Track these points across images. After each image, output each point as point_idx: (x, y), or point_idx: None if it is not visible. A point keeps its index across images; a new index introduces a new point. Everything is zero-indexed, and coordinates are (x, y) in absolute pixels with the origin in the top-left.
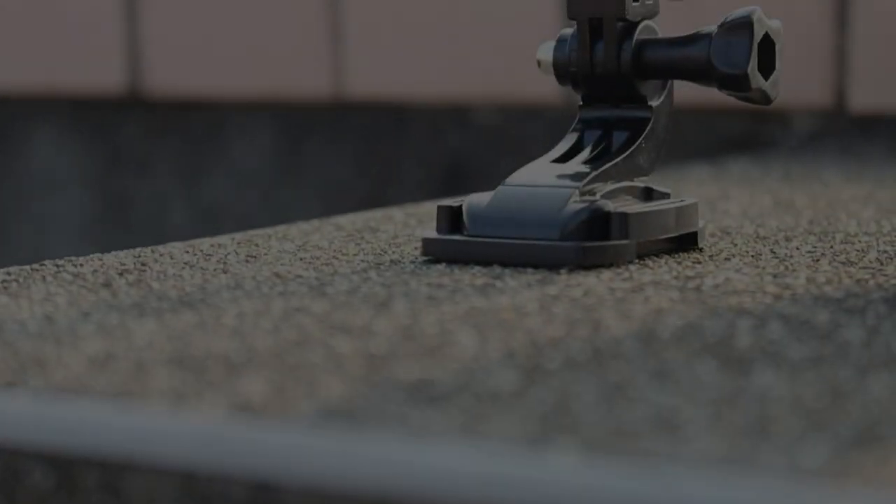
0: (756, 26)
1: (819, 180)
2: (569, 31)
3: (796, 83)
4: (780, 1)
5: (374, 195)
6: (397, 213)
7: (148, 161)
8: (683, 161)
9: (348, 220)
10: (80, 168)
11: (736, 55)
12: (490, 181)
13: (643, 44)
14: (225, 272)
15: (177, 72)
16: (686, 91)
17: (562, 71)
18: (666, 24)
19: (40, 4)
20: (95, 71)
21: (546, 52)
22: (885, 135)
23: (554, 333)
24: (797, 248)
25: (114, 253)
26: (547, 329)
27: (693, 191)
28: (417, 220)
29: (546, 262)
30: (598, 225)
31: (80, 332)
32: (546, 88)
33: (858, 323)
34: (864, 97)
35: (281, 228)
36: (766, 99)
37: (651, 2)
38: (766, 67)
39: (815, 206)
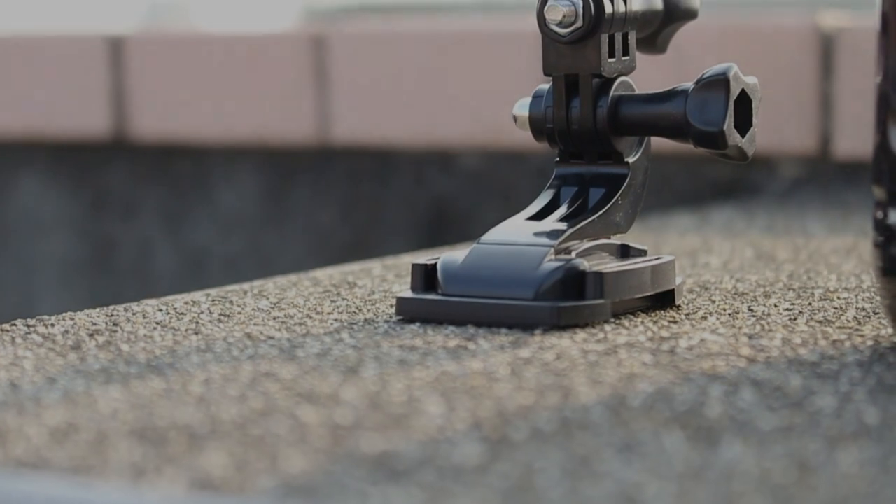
0: (732, 83)
1: (802, 231)
2: (545, 87)
3: (782, 130)
4: (767, 48)
5: (359, 239)
6: (376, 266)
7: (133, 205)
8: (668, 209)
9: (326, 275)
10: (66, 212)
11: (712, 112)
12: (475, 226)
13: (619, 100)
14: (196, 333)
15: (162, 116)
16: None
17: (538, 127)
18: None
19: (25, 49)
20: (81, 115)
21: (522, 109)
22: (869, 181)
23: (523, 401)
24: (775, 306)
25: (86, 312)
26: (516, 397)
27: (675, 242)
28: (395, 275)
29: (520, 322)
30: (574, 284)
31: (45, 400)
32: (530, 134)
33: (831, 390)
34: (849, 144)
35: (258, 283)
36: (743, 156)
37: (627, 58)
38: (743, 124)
39: (796, 259)
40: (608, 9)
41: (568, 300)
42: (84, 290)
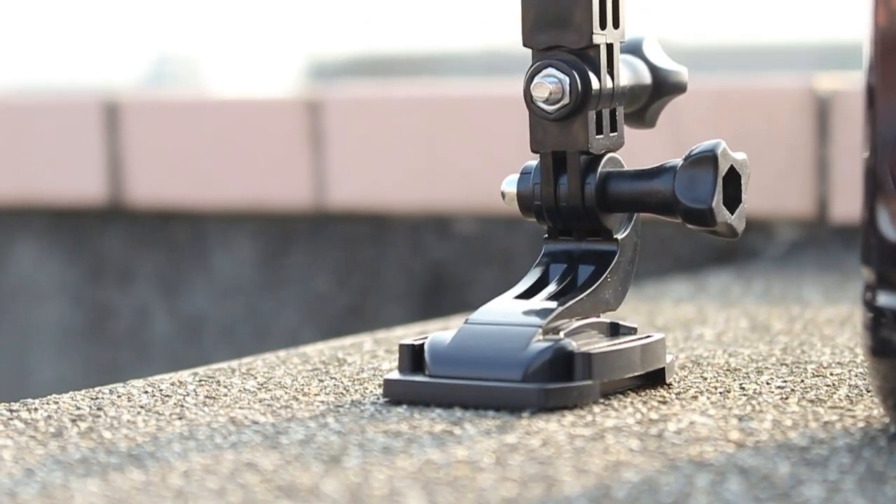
0: (721, 160)
1: (798, 298)
2: (532, 163)
3: (779, 193)
4: (762, 111)
5: (355, 305)
6: (367, 341)
7: (129, 271)
8: (664, 273)
9: (316, 350)
10: (62, 278)
11: (700, 190)
12: (472, 291)
13: (608, 177)
14: (181, 418)
15: (158, 181)
16: None
17: (526, 204)
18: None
19: (21, 113)
20: (77, 180)
21: (510, 185)
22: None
23: (506, 493)
24: (767, 383)
25: (71, 394)
26: (499, 488)
27: (669, 312)
28: (386, 350)
29: (508, 405)
30: (562, 365)
31: (21, 495)
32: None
33: (819, 478)
34: (846, 207)
35: (246, 361)
36: (733, 233)
37: (615, 134)
38: (733, 200)
39: (791, 331)
40: (595, 85)
41: (556, 381)
42: (80, 356)
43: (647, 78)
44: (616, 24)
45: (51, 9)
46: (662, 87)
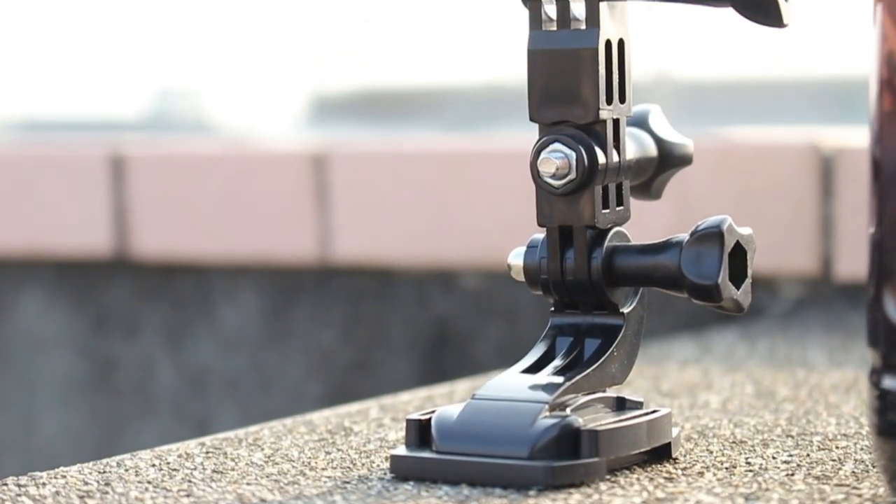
0: (726, 236)
1: (803, 361)
2: (539, 236)
3: (783, 250)
4: (766, 168)
5: (360, 359)
6: (373, 407)
7: (135, 323)
8: (669, 333)
9: (322, 419)
10: (67, 330)
11: (706, 266)
12: (476, 346)
13: (614, 251)
14: (188, 495)
15: (163, 234)
16: None
17: (532, 277)
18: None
19: (28, 166)
20: (82, 233)
21: (517, 258)
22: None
23: None
24: (773, 458)
25: (79, 467)
26: None
27: (675, 377)
28: (392, 418)
29: (514, 483)
30: (569, 442)
31: None
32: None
33: None
34: (850, 265)
35: (253, 430)
36: (739, 308)
37: (621, 208)
38: (738, 275)
39: (796, 398)
40: (601, 160)
41: (563, 459)
42: (85, 408)
43: (652, 150)
44: (622, 99)
45: (52, 41)
46: (668, 160)
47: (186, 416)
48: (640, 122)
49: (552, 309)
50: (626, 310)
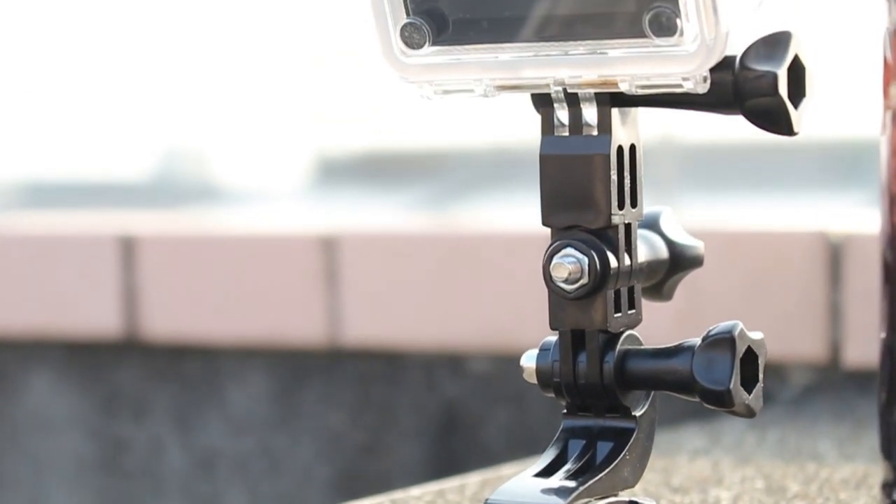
0: (738, 342)
1: (813, 453)
2: (551, 339)
3: (792, 337)
4: (774, 254)
5: (369, 443)
6: (384, 503)
7: (144, 405)
8: (678, 421)
9: None
10: (76, 411)
11: (718, 371)
12: (485, 430)
13: (626, 355)
14: None
15: (173, 316)
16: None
17: (545, 380)
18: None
19: (37, 246)
20: (92, 314)
21: (529, 360)
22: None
23: None
24: None
25: None
26: None
27: (685, 470)
28: None
29: None
30: None
31: None
32: (540, 338)
33: None
34: (859, 352)
35: None
36: (751, 413)
37: (633, 311)
38: (750, 380)
39: (807, 494)
40: (613, 265)
41: None
42: (93, 489)
43: (664, 253)
44: (634, 204)
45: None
46: (679, 262)
47: (195, 498)
48: (651, 225)
49: (564, 411)
50: (637, 413)
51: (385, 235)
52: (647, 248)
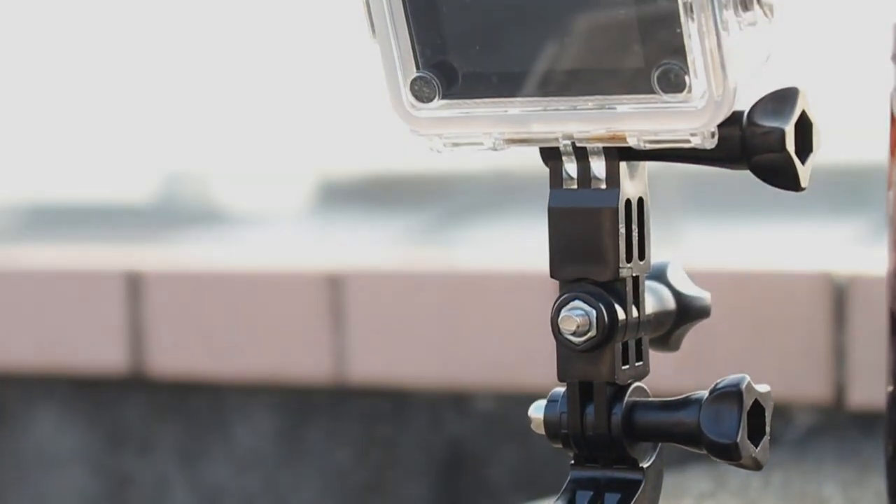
0: (745, 395)
1: (819, 498)
2: (560, 390)
3: (796, 378)
4: (778, 295)
5: (374, 481)
6: None
7: (149, 441)
8: (683, 462)
9: None
10: (82, 447)
11: (725, 425)
12: (490, 469)
13: (633, 407)
14: None
15: (179, 352)
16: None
17: (553, 431)
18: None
19: (43, 282)
20: (98, 350)
21: (537, 411)
22: (883, 432)
23: None
24: None
25: None
26: None
27: None
28: None
29: None
30: None
31: None
32: (546, 377)
33: None
34: (864, 394)
35: None
36: (758, 465)
37: (641, 363)
38: (757, 432)
39: None
40: (621, 316)
41: None
42: None
43: (671, 304)
44: (641, 257)
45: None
46: (687, 313)
47: None
48: (659, 276)
49: (572, 462)
50: (645, 464)
51: (391, 273)
52: (655, 299)
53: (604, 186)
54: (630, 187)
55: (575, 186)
